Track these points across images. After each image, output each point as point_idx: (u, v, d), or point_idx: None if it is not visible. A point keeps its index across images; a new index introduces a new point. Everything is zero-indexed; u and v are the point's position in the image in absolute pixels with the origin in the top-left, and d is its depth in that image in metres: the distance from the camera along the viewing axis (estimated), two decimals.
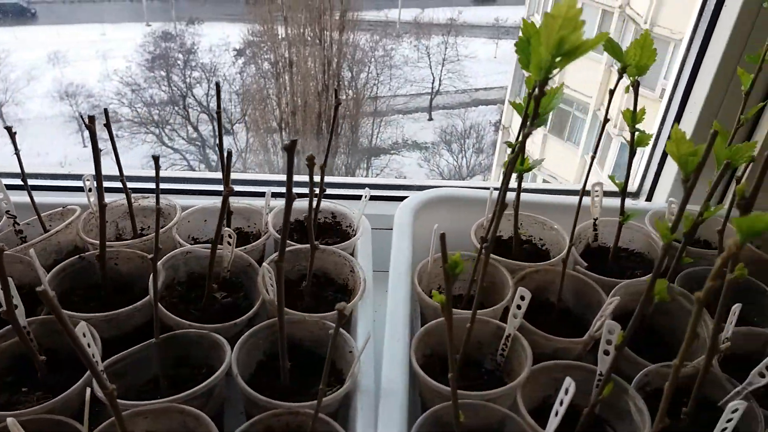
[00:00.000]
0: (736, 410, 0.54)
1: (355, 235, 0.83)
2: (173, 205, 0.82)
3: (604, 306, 0.70)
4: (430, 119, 10.60)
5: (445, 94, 10.45)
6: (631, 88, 0.68)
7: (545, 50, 0.42)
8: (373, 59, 10.41)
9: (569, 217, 0.83)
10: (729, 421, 0.54)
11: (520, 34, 0.58)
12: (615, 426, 0.67)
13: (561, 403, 0.56)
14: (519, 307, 0.69)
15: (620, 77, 0.65)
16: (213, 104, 9.71)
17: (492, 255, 0.82)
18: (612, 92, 0.66)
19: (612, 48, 0.63)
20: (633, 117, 0.69)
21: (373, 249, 0.85)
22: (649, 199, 0.98)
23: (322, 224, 0.88)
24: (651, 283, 0.55)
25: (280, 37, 9.44)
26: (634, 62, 0.66)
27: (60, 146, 8.98)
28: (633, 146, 0.72)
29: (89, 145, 0.62)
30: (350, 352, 0.67)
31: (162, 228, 0.79)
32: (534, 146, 7.74)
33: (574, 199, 0.91)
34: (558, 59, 0.41)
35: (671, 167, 0.94)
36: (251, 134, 9.80)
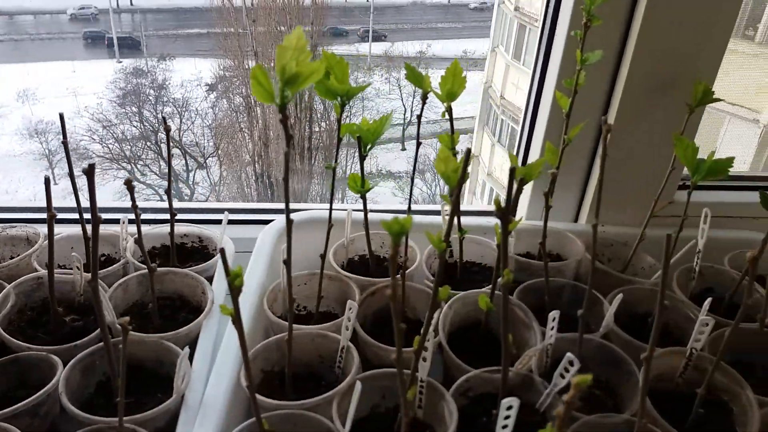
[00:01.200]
0: (510, 407, 0.57)
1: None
2: (37, 233, 0.85)
3: (428, 316, 0.73)
4: (403, 149, 10.77)
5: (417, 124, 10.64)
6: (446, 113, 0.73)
7: (279, 77, 0.47)
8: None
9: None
10: (507, 418, 0.58)
11: None
12: (436, 429, 0.70)
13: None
14: (349, 319, 0.72)
15: (424, 102, 0.70)
16: (186, 139, 9.77)
17: (346, 273, 0.86)
18: (420, 117, 0.71)
19: (414, 76, 0.68)
20: (451, 140, 0.74)
21: None
22: (513, 216, 1.04)
23: (189, 248, 0.91)
24: (434, 290, 0.59)
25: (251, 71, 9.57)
26: (444, 90, 0.72)
27: (30, 184, 8.94)
28: None
29: (60, 182, 0.65)
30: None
31: (21, 255, 0.82)
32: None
33: (433, 218, 0.96)
34: (287, 86, 0.46)
35: (529, 186, 1.00)
36: (224, 167, 9.84)
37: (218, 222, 1.00)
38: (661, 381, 0.76)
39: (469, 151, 0.55)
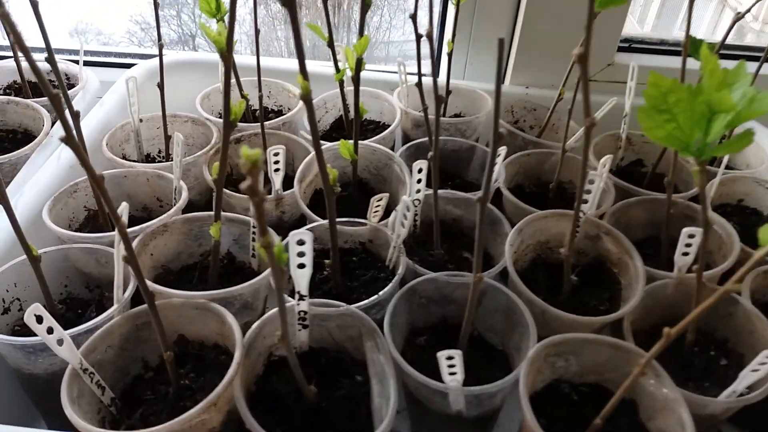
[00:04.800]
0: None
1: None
2: None
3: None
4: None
5: None
6: None
7: None
8: (386, 2, 10.11)
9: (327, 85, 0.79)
10: None
11: None
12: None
13: None
14: (178, 155, 0.64)
15: None
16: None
17: (207, 116, 0.77)
18: None
19: None
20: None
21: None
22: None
23: (55, 84, 0.83)
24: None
25: None
26: None
27: None
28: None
29: None
30: None
31: None
32: None
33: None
34: None
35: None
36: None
37: (119, 66, 0.94)
38: (553, 248, 0.65)
39: None
